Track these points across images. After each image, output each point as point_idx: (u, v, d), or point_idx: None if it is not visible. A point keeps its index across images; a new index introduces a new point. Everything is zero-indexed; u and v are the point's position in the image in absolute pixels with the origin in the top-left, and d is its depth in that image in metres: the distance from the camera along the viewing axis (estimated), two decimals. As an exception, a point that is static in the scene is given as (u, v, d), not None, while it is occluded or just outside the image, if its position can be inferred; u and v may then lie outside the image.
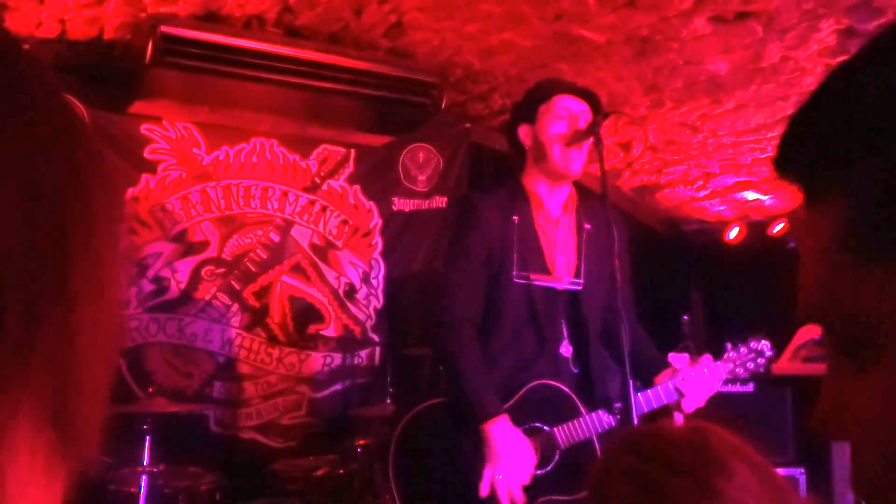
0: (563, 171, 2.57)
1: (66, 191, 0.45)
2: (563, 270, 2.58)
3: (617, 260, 2.39)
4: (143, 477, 3.53)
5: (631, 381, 2.30)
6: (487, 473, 2.38)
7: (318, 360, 4.87)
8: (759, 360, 2.61)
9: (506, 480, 2.37)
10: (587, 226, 2.63)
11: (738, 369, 2.59)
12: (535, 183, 2.63)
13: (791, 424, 4.43)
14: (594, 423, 2.45)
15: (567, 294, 2.58)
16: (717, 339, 3.10)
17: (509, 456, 2.37)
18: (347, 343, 4.95)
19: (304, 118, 4.67)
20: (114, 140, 4.40)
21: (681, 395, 2.47)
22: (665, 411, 2.51)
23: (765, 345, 2.63)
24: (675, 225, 5.92)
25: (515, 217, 2.56)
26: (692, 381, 2.48)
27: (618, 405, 2.42)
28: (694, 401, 2.48)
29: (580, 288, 2.57)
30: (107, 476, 3.70)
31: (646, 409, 2.45)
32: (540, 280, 2.54)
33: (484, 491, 2.37)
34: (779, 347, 4.22)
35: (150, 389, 4.12)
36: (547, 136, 2.56)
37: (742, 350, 2.61)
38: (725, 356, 2.59)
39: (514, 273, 2.51)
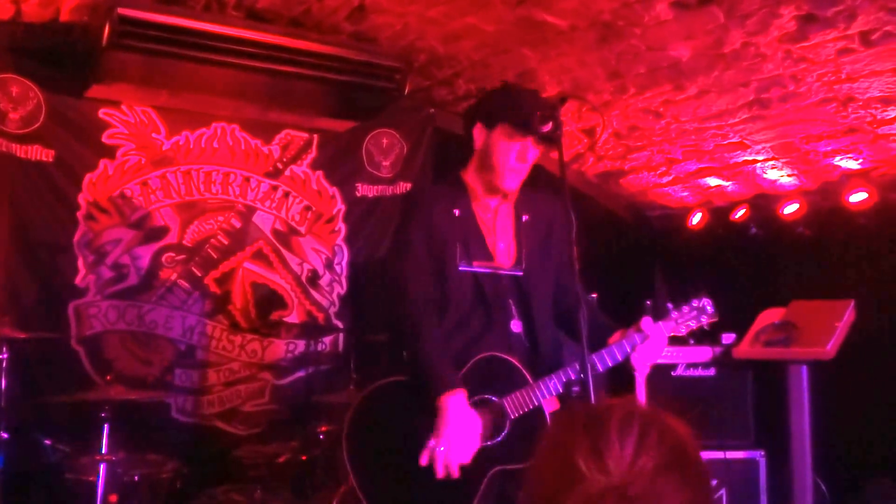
0: (500, 187, 2.66)
1: None
2: (504, 256, 2.67)
3: (574, 246, 2.42)
4: (102, 465, 3.50)
5: (589, 365, 2.31)
6: (431, 444, 2.42)
7: (281, 347, 4.84)
8: (701, 318, 2.66)
9: (447, 453, 2.40)
10: (525, 217, 2.72)
11: (680, 327, 2.64)
12: (474, 179, 2.72)
13: (752, 408, 4.48)
14: (542, 392, 2.49)
15: (511, 278, 2.66)
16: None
17: (456, 431, 2.40)
18: (311, 329, 4.92)
19: (265, 103, 4.62)
20: (71, 124, 4.33)
21: (625, 358, 2.53)
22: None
23: (706, 302, 2.68)
24: (639, 210, 5.95)
25: (456, 210, 2.64)
26: (636, 344, 2.54)
27: (568, 373, 2.47)
28: (641, 362, 2.53)
29: (521, 274, 2.65)
30: (64, 464, 3.67)
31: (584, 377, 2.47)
32: (483, 267, 2.62)
33: (423, 460, 2.41)
34: (740, 332, 4.28)
35: (109, 377, 4.07)
36: (497, 157, 2.62)
37: (684, 309, 2.66)
38: (668, 316, 2.64)
39: (459, 263, 2.59)
